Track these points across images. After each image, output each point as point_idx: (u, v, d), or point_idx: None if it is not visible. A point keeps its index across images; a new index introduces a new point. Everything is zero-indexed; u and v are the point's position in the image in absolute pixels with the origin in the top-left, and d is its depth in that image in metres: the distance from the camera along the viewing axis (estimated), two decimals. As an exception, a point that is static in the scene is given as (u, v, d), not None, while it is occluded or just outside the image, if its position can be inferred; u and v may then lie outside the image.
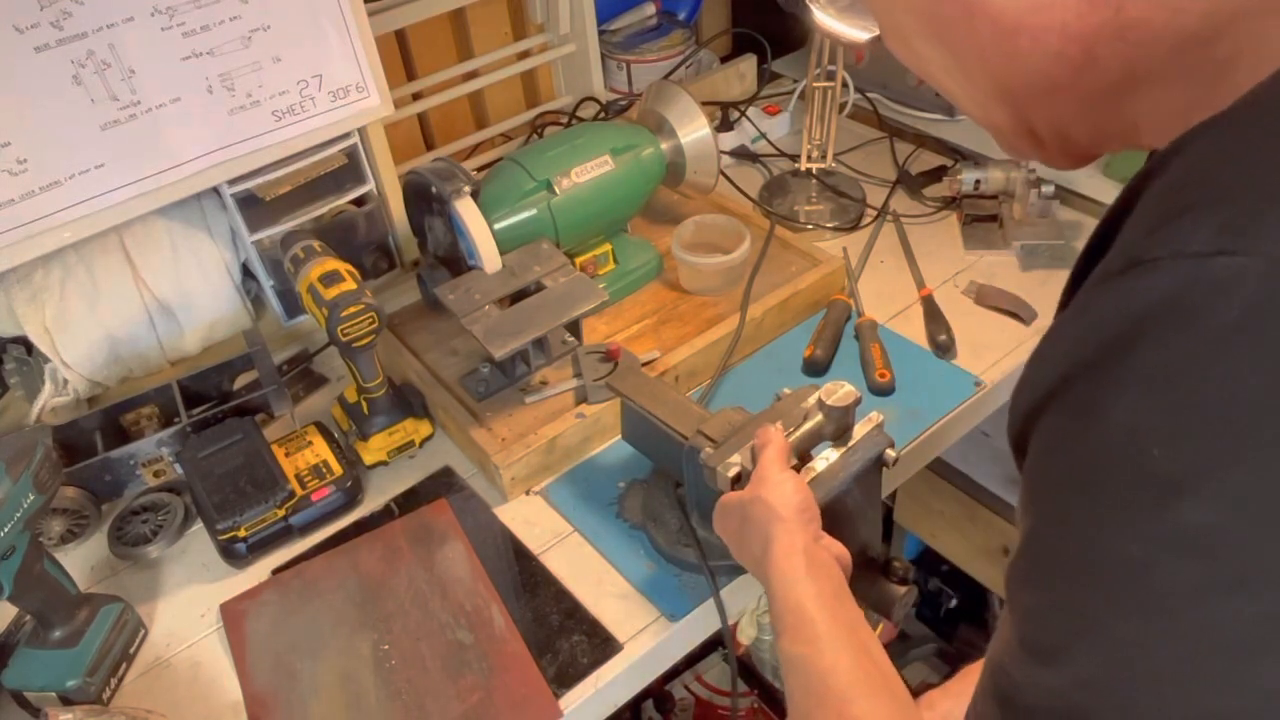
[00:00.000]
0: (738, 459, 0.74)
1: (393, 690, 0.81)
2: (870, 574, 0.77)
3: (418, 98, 1.37)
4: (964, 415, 1.04)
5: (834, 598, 0.63)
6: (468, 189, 1.02)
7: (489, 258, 1.03)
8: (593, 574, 0.89)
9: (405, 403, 1.01)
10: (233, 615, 0.89)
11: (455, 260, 1.08)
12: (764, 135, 1.50)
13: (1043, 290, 1.16)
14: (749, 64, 1.60)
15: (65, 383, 1.02)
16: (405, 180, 1.11)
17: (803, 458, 0.76)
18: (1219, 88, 0.38)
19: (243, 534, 0.92)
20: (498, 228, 1.05)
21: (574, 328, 1.04)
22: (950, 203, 1.32)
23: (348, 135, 1.07)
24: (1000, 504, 1.42)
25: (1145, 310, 0.33)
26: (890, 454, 0.77)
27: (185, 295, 1.05)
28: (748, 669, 1.76)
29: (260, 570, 0.93)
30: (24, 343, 1.01)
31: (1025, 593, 0.38)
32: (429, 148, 1.44)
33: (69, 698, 0.80)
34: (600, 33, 1.49)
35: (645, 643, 0.84)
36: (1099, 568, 0.34)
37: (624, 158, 1.14)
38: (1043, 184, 1.20)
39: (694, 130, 1.19)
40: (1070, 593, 0.35)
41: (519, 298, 1.02)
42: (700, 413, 0.85)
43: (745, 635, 1.70)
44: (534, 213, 1.08)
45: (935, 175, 1.38)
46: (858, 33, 0.52)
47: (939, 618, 1.82)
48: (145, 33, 0.89)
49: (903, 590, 0.76)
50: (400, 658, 0.83)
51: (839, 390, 0.75)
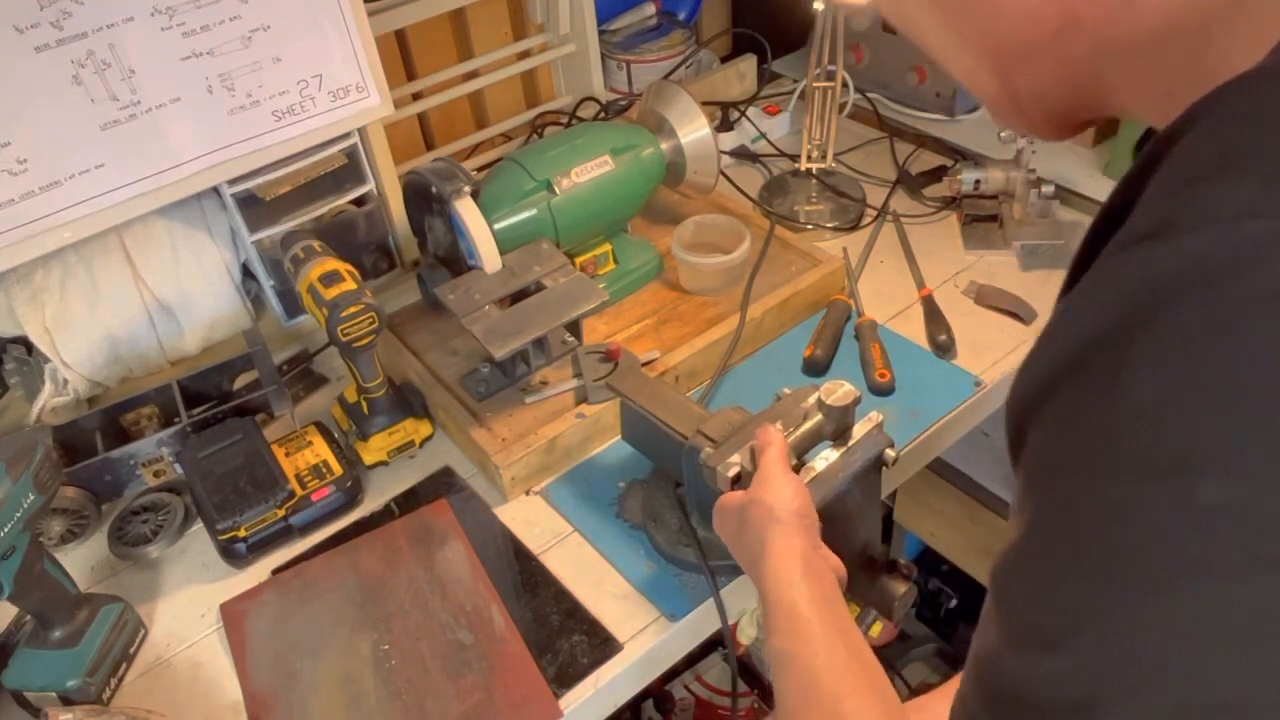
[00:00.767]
0: (738, 459, 0.74)
1: (393, 690, 0.81)
2: (870, 573, 0.77)
3: (418, 98, 1.37)
4: (964, 415, 1.04)
5: (826, 601, 0.62)
6: (468, 189, 1.02)
7: (489, 258, 1.03)
8: (593, 574, 0.89)
9: (405, 403, 1.01)
10: (233, 615, 0.89)
11: (455, 260, 1.08)
12: (764, 135, 1.50)
13: (1043, 290, 1.16)
14: (749, 64, 1.60)
15: (65, 383, 1.02)
16: (405, 180, 1.11)
17: (802, 457, 0.76)
18: (1206, 55, 0.37)
19: (243, 534, 0.92)
20: (498, 228, 1.05)
21: (574, 328, 1.04)
22: (950, 203, 1.32)
23: (348, 135, 1.07)
24: (1000, 504, 1.42)
25: (1171, 277, 0.31)
26: (890, 454, 0.77)
27: (185, 295, 1.05)
28: (748, 669, 1.76)
29: (260, 570, 0.93)
30: (24, 343, 1.01)
31: (1022, 582, 0.36)
32: (429, 148, 1.44)
33: (69, 698, 0.80)
34: (600, 33, 1.49)
35: (645, 643, 0.84)
36: (1109, 548, 0.32)
37: (624, 158, 1.14)
38: (1043, 184, 1.20)
39: (694, 130, 1.19)
40: (1078, 576, 0.33)
41: (519, 298, 1.02)
42: (700, 413, 0.85)
43: (745, 635, 1.70)
44: (534, 213, 1.08)
45: (935, 175, 1.38)
46: None
47: (939, 618, 1.82)
48: (145, 33, 0.89)
49: (903, 589, 0.76)
50: (400, 658, 0.83)
51: (839, 390, 0.75)
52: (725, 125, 1.48)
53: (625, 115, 1.41)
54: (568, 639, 0.84)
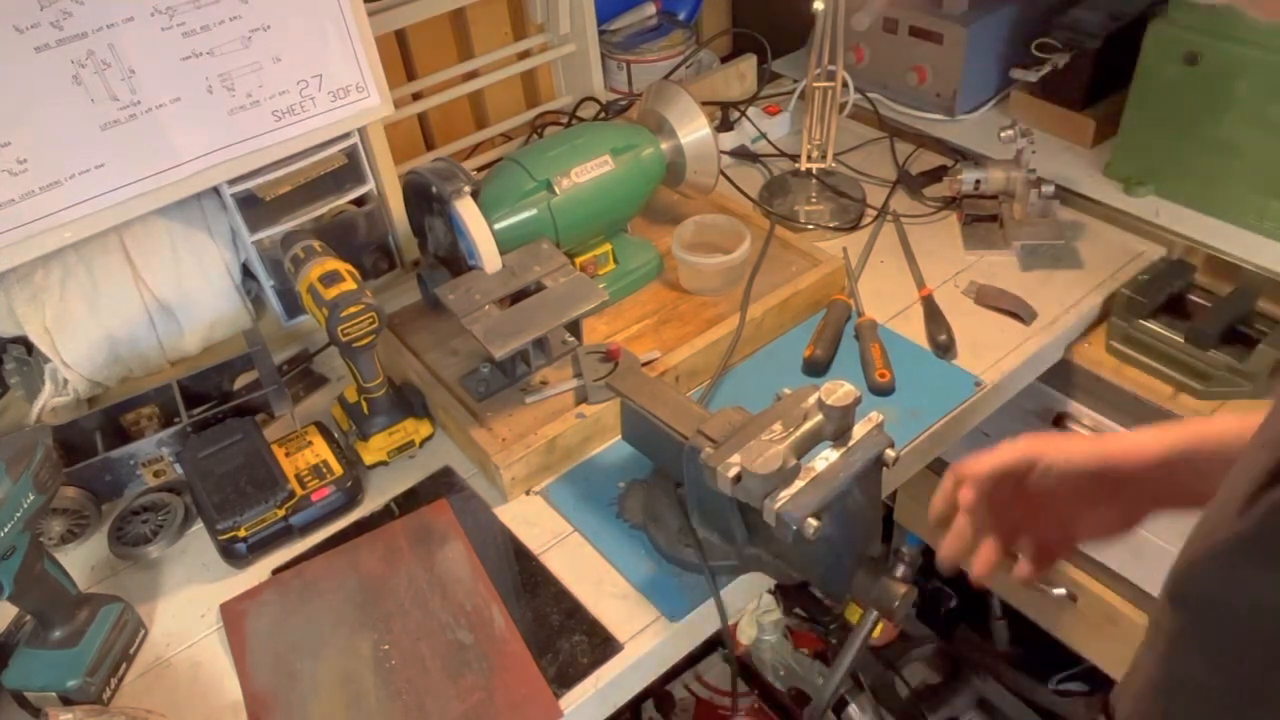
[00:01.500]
0: (738, 459, 0.74)
1: (393, 690, 0.81)
2: (871, 573, 0.77)
3: (418, 98, 1.37)
4: (964, 415, 1.04)
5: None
6: (468, 189, 1.02)
7: (489, 258, 1.03)
8: (593, 574, 0.89)
9: (405, 403, 1.01)
10: (233, 615, 0.89)
11: (455, 260, 1.08)
12: (764, 135, 1.50)
13: (1043, 290, 1.16)
14: (749, 64, 1.60)
15: (65, 383, 1.02)
16: (405, 180, 1.11)
17: (802, 458, 0.76)
18: None
19: (243, 534, 0.92)
20: (498, 228, 1.05)
21: (574, 328, 1.04)
22: (950, 203, 1.32)
23: (348, 135, 1.07)
24: (1000, 504, 1.42)
25: None
26: (890, 454, 0.77)
27: (185, 295, 1.05)
28: (748, 669, 1.76)
29: (260, 570, 0.93)
30: (24, 343, 1.01)
31: None
32: (429, 148, 1.44)
33: (69, 698, 0.80)
34: (600, 33, 1.50)
35: (645, 643, 0.84)
36: None
37: (624, 158, 1.14)
38: (1043, 184, 1.20)
39: (694, 130, 1.19)
40: None
41: (519, 298, 1.02)
42: (700, 413, 0.85)
43: (745, 635, 1.70)
44: (534, 213, 1.08)
45: (935, 175, 1.38)
46: None
47: (939, 618, 1.82)
48: (145, 33, 0.89)
49: (903, 589, 0.76)
50: (400, 658, 0.83)
51: (839, 390, 0.75)
52: (725, 125, 1.48)
53: (625, 115, 1.41)
54: (568, 639, 0.84)
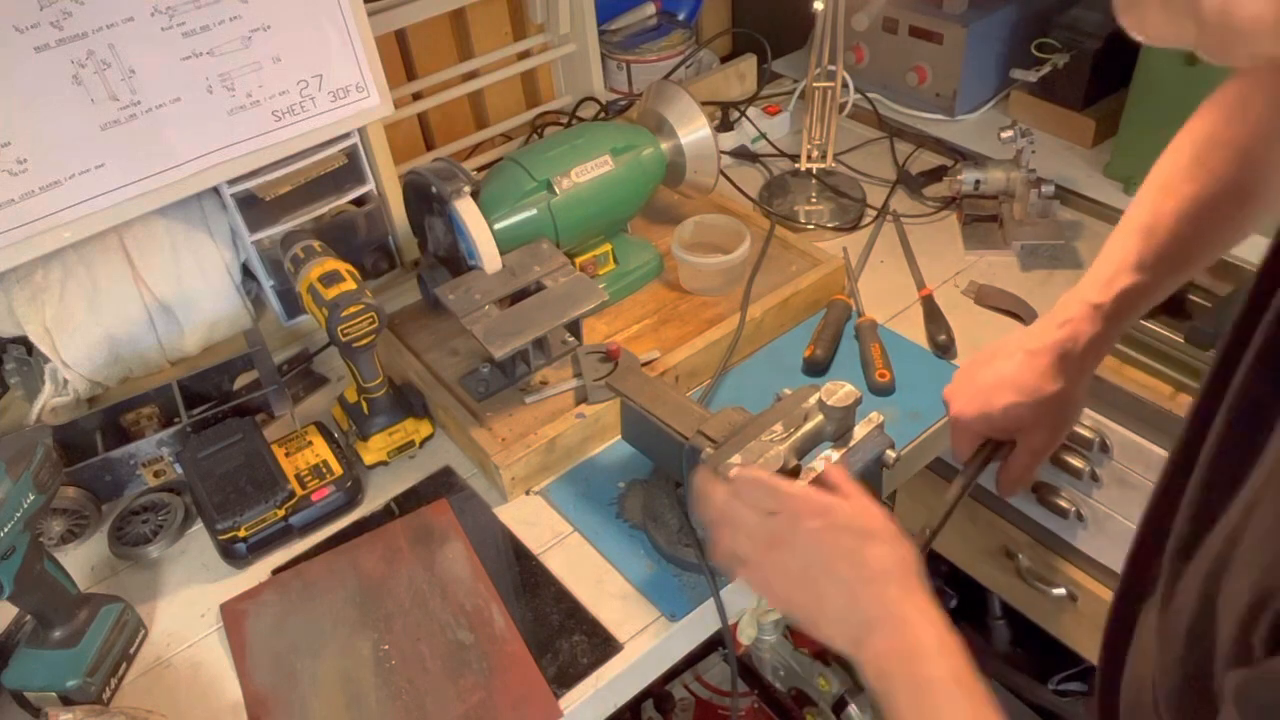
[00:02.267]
0: (738, 459, 0.74)
1: (393, 690, 0.81)
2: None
3: (418, 98, 1.37)
4: (964, 415, 1.04)
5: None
6: (468, 189, 1.02)
7: (489, 258, 1.03)
8: (593, 574, 0.89)
9: (405, 403, 1.01)
10: (233, 615, 0.89)
11: (455, 260, 1.08)
12: (764, 135, 1.50)
13: (1043, 290, 1.16)
14: (749, 64, 1.60)
15: (65, 383, 1.02)
16: (405, 180, 1.11)
17: (803, 458, 0.76)
18: None
19: (243, 534, 0.92)
20: (498, 228, 1.05)
21: (574, 328, 1.04)
22: (950, 203, 1.32)
23: (348, 135, 1.07)
24: (1000, 504, 1.42)
25: None
26: (890, 455, 0.77)
27: (185, 295, 1.05)
28: (748, 669, 1.76)
29: (260, 570, 0.93)
30: (24, 343, 1.01)
31: None
32: (429, 148, 1.44)
33: (69, 698, 0.80)
34: (600, 33, 1.49)
35: (645, 643, 0.84)
36: None
37: (624, 158, 1.14)
38: (1043, 184, 1.20)
39: (694, 130, 1.19)
40: None
41: (519, 298, 1.02)
42: (700, 413, 0.85)
43: (745, 635, 1.70)
44: (534, 213, 1.08)
45: (935, 175, 1.38)
46: None
47: (939, 618, 1.81)
48: (145, 33, 0.89)
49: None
50: (400, 658, 0.83)
51: (839, 390, 0.75)
52: (725, 125, 1.48)
53: (625, 115, 1.41)
54: (568, 639, 0.84)
